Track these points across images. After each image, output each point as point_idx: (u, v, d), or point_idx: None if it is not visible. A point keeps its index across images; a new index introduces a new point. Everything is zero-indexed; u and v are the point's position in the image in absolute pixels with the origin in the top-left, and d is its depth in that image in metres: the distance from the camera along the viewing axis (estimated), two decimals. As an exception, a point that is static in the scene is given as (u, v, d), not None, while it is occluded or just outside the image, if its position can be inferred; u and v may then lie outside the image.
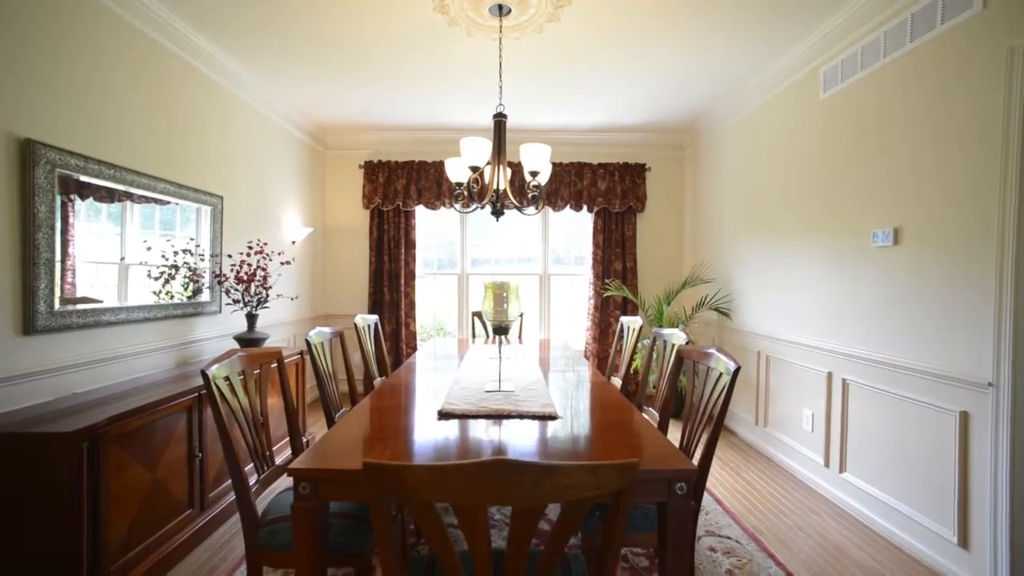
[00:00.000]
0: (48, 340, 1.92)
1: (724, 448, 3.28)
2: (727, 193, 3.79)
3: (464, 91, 3.48)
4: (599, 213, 4.46)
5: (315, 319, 4.45)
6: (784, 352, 2.97)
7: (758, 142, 3.33)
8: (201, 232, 2.84)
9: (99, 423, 1.61)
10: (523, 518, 0.78)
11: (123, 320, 2.26)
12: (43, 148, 1.86)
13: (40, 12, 1.87)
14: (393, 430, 1.51)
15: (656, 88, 3.40)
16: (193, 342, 2.75)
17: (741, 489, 2.67)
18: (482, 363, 2.48)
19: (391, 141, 4.49)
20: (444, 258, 4.84)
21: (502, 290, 1.81)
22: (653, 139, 4.49)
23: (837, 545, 2.12)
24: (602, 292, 4.40)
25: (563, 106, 3.78)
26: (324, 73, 3.18)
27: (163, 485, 1.92)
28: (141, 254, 2.40)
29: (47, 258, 1.88)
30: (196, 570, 1.93)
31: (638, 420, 1.62)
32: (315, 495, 1.14)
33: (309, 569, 1.16)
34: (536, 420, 1.59)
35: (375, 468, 0.71)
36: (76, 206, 2.05)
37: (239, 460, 1.42)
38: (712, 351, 1.68)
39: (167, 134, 2.56)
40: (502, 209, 2.28)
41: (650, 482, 1.19)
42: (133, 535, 1.77)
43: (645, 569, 1.91)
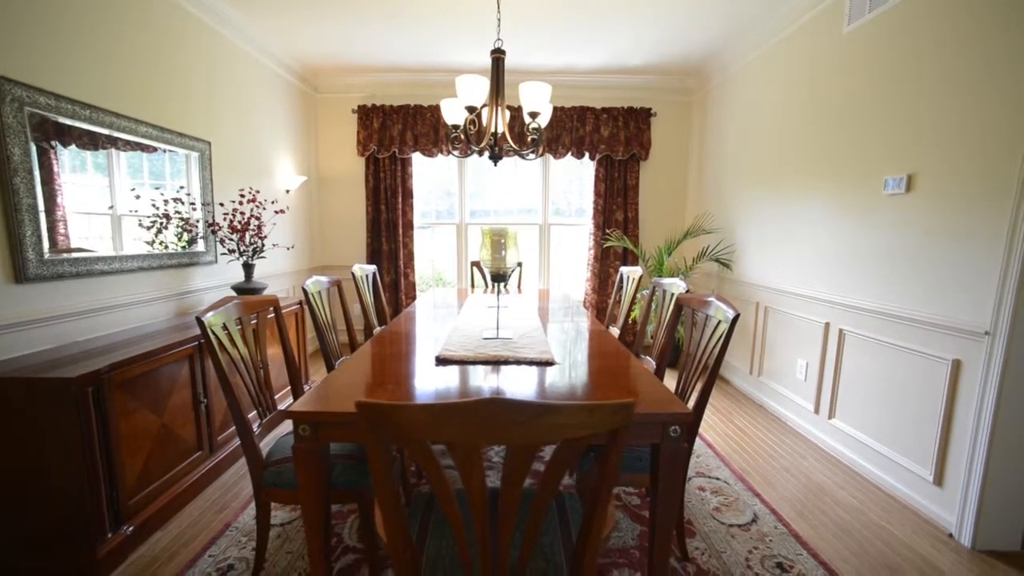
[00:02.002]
0: (42, 288, 1.90)
1: (718, 396, 3.37)
2: (734, 140, 3.64)
3: (461, 29, 3.25)
4: (601, 161, 4.32)
5: (313, 269, 4.42)
6: (783, 303, 2.97)
7: (768, 84, 3.16)
8: (191, 181, 2.76)
9: (101, 369, 1.62)
10: (517, 457, 0.79)
11: (117, 270, 2.23)
12: (8, 84, 1.74)
13: (-10, -71, 1.69)
14: (392, 375, 1.52)
15: (665, 23, 3.16)
16: (191, 292, 2.74)
17: (732, 434, 2.76)
18: (481, 311, 2.48)
19: (385, 83, 4.26)
20: (443, 208, 4.74)
21: (500, 236, 1.77)
22: (660, 82, 4.26)
23: (820, 485, 2.21)
24: (603, 243, 4.35)
25: (565, 46, 3.55)
26: (314, 10, 2.95)
27: (171, 429, 1.98)
28: (131, 203, 2.33)
29: (28, 204, 1.82)
30: (209, 506, 2.02)
31: (635, 367, 1.63)
32: (315, 437, 1.16)
33: (312, 505, 1.20)
34: (534, 366, 1.60)
35: (369, 408, 0.71)
36: (59, 153, 1.96)
37: (241, 406, 1.44)
38: (712, 299, 1.66)
39: (148, 75, 2.41)
40: (501, 154, 2.18)
41: (645, 425, 1.21)
42: (147, 474, 1.84)
43: (637, 507, 2.00)
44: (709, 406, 3.14)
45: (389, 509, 0.83)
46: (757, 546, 1.77)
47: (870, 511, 2.01)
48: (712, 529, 1.86)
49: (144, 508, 1.82)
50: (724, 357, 1.53)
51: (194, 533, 1.85)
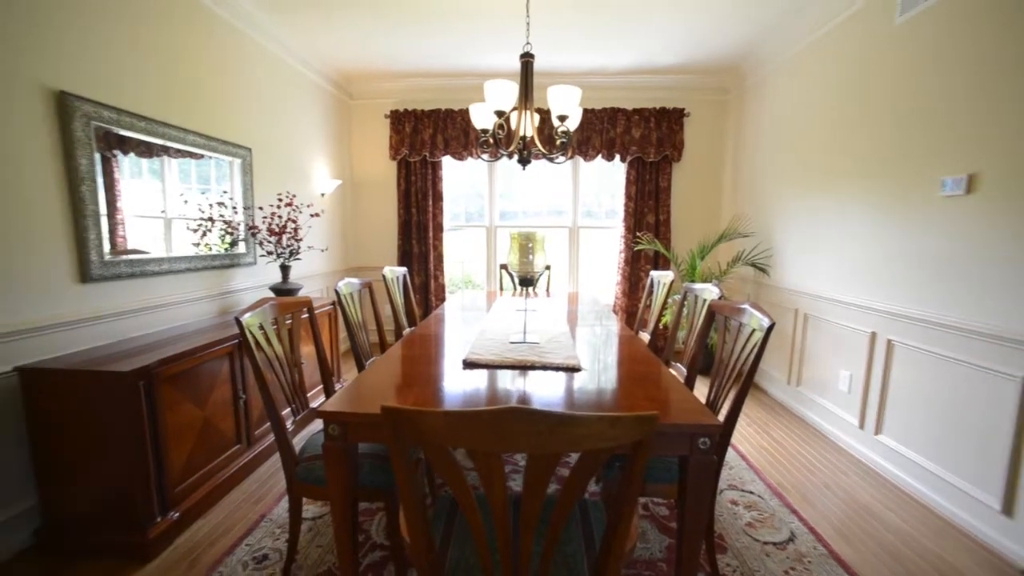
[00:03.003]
0: (102, 288, 2.05)
1: (753, 405, 3.24)
2: (772, 139, 3.50)
3: (491, 33, 3.27)
4: (632, 163, 4.25)
5: (346, 271, 4.56)
6: (824, 311, 2.83)
7: (811, 80, 3.02)
8: (234, 185, 2.90)
9: (152, 364, 1.73)
10: (538, 465, 0.79)
11: (168, 270, 2.37)
12: (77, 100, 1.89)
13: (59, -44, 1.84)
14: (419, 377, 1.54)
15: (698, 21, 3.08)
16: (232, 292, 2.88)
17: (767, 446, 2.64)
18: (508, 315, 2.49)
19: (417, 89, 4.34)
20: (472, 211, 4.78)
21: (528, 241, 1.77)
22: (693, 81, 4.15)
23: (865, 505, 2.09)
24: (633, 246, 4.27)
25: (595, 46, 3.51)
26: (348, 18, 3.04)
27: (213, 422, 2.08)
28: (180, 207, 2.48)
29: (93, 210, 1.97)
30: (246, 498, 2.11)
31: (664, 375, 1.59)
32: (344, 436, 1.19)
33: (340, 503, 1.23)
34: (560, 372, 1.59)
35: (392, 412, 0.72)
36: (119, 161, 2.10)
37: (276, 403, 1.50)
38: (745, 306, 1.60)
39: (194, 85, 2.55)
40: (529, 157, 2.18)
41: (673, 435, 1.18)
42: (191, 464, 1.94)
43: (665, 518, 1.95)
44: (743, 416, 3.03)
45: (412, 513, 0.84)
46: (794, 567, 1.69)
47: (922, 536, 1.88)
48: (745, 545, 1.79)
49: (188, 496, 1.92)
50: (759, 366, 1.47)
51: (232, 522, 1.93)
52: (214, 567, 1.67)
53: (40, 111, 1.79)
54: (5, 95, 1.68)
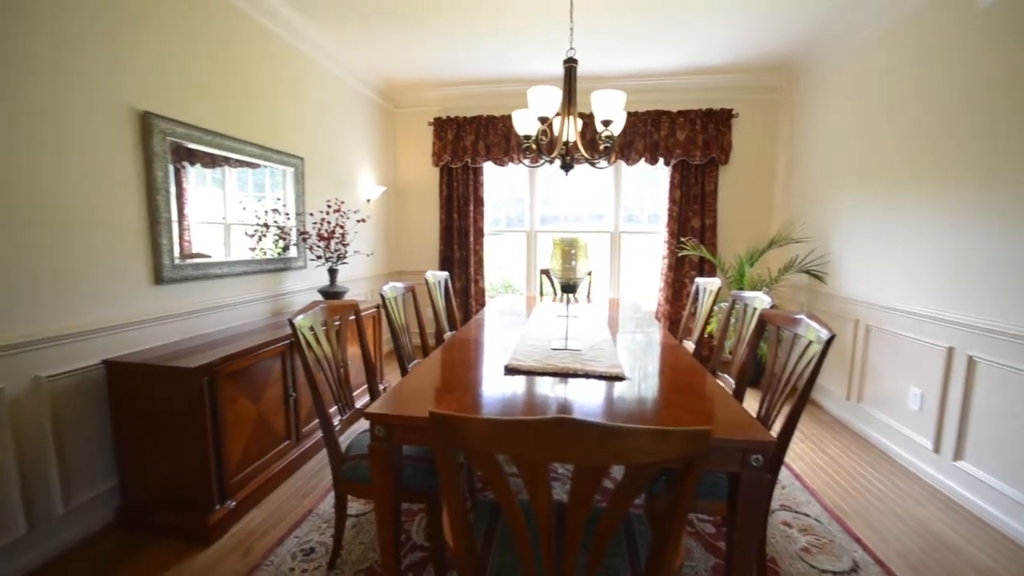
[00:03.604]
0: (172, 289, 2.21)
1: (808, 421, 3.05)
2: (831, 138, 3.30)
3: (533, 39, 3.29)
4: (677, 166, 4.13)
5: (389, 275, 4.69)
6: (890, 322, 2.63)
7: (878, 75, 2.82)
8: (287, 193, 3.05)
9: (214, 362, 1.85)
10: (585, 476, 0.77)
11: (227, 273, 2.52)
12: (157, 119, 2.06)
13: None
14: (461, 382, 1.56)
15: (748, 19, 2.96)
16: (284, 294, 3.02)
17: (824, 466, 2.48)
18: (549, 321, 2.47)
19: (459, 96, 4.42)
20: (512, 215, 4.81)
21: (571, 247, 1.75)
22: (742, 81, 3.99)
23: (942, 537, 1.90)
24: (677, 251, 4.15)
25: (639, 48, 3.45)
26: (395, 30, 3.15)
27: (266, 418, 2.19)
28: (238, 214, 2.64)
29: (166, 218, 2.13)
30: (294, 492, 2.20)
31: (711, 385, 1.53)
32: (389, 438, 1.22)
33: (385, 502, 1.26)
34: (602, 380, 1.56)
35: (440, 418, 0.73)
36: (187, 172, 2.27)
37: (324, 402, 1.56)
38: (801, 317, 1.52)
39: (252, 99, 2.72)
40: (572, 162, 2.17)
41: (722, 451, 1.13)
42: (246, 457, 2.05)
43: (711, 536, 1.87)
44: (797, 432, 2.86)
45: (457, 517, 0.85)
46: (855, 597, 1.57)
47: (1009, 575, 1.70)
48: (800, 572, 1.68)
49: (243, 487, 2.03)
50: (816, 381, 1.38)
51: (282, 515, 2.02)
52: (266, 556, 1.75)
53: (128, 129, 1.97)
54: (103, 117, 1.87)
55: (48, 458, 1.72)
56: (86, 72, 1.80)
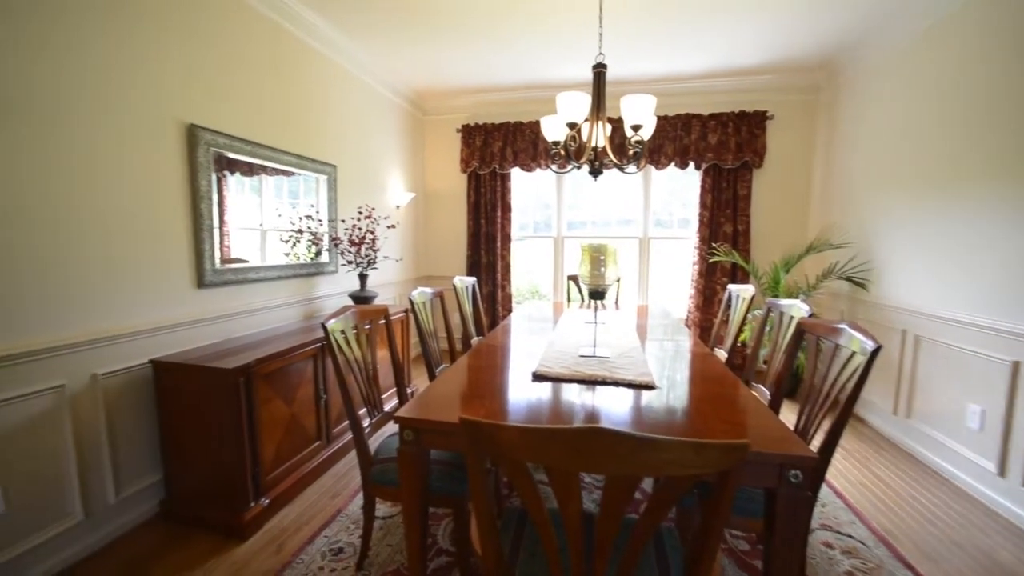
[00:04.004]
0: (213, 292, 2.31)
1: (850, 436, 2.90)
2: (875, 139, 3.15)
3: (561, 45, 3.29)
4: (708, 170, 4.04)
5: (417, 280, 4.76)
6: (943, 333, 2.47)
7: (931, 71, 2.66)
8: (320, 200, 3.15)
9: (250, 363, 1.91)
10: (617, 488, 0.76)
11: (263, 278, 2.62)
12: (201, 131, 2.17)
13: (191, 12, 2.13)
14: (489, 388, 1.56)
15: (785, 18, 2.88)
16: (316, 298, 3.11)
17: (869, 484, 2.35)
18: (577, 327, 2.45)
19: (487, 103, 4.47)
20: (540, 221, 4.81)
21: (599, 253, 1.74)
22: (777, 81, 3.87)
23: (1010, 570, 1.74)
24: (708, 257, 4.05)
25: (669, 52, 3.40)
26: (424, 40, 3.22)
27: (298, 419, 2.25)
28: (274, 220, 2.74)
29: (208, 224, 2.23)
30: (324, 492, 2.25)
31: (745, 396, 1.48)
32: (418, 442, 1.23)
33: (413, 506, 1.27)
34: (631, 389, 1.53)
35: (471, 425, 0.73)
36: (227, 180, 2.38)
37: (354, 404, 1.59)
38: (843, 326, 1.45)
39: (288, 110, 2.82)
40: (601, 168, 2.15)
41: (759, 465, 1.09)
42: (279, 456, 2.11)
43: (746, 553, 1.80)
44: (839, 447, 2.71)
45: (486, 524, 0.85)
46: (904, 626, 1.47)
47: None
48: (841, 594, 1.60)
49: (276, 485, 2.09)
50: (860, 394, 1.32)
51: (312, 514, 2.07)
52: (297, 553, 1.79)
53: (176, 141, 2.08)
54: (155, 130, 1.99)
55: (102, 451, 1.83)
56: (141, 87, 1.92)
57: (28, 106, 1.57)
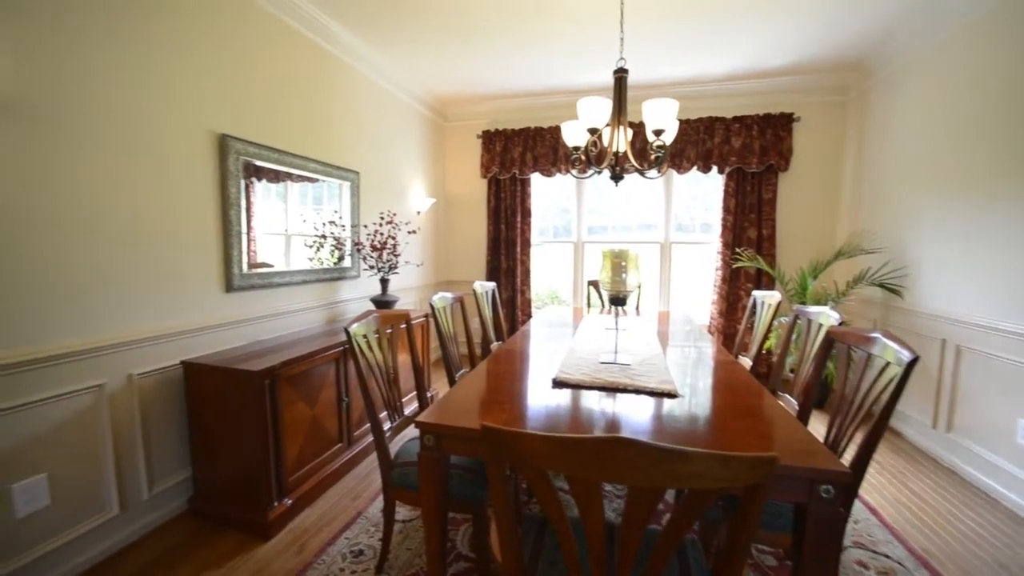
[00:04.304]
0: (240, 296, 2.37)
1: (885, 450, 2.78)
2: (912, 139, 3.02)
3: (581, 51, 3.29)
4: (732, 174, 3.96)
5: (437, 285, 4.80)
6: (986, 342, 2.35)
7: (973, 66, 2.53)
8: (343, 205, 3.21)
9: (275, 366, 1.96)
10: (640, 499, 0.75)
11: (288, 282, 2.68)
12: (232, 140, 2.24)
13: (223, 27, 2.21)
14: (508, 394, 1.56)
15: (814, 16, 2.81)
16: (338, 302, 3.17)
17: (906, 501, 2.24)
18: (597, 333, 2.43)
19: (507, 109, 4.50)
20: (559, 226, 4.79)
21: (621, 258, 1.72)
22: (804, 83, 3.78)
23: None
24: (732, 263, 3.96)
25: (691, 54, 3.36)
26: (444, 47, 3.26)
27: (320, 421, 2.29)
28: (299, 226, 2.80)
29: (237, 231, 2.30)
30: (345, 493, 2.28)
31: (771, 406, 1.44)
32: (438, 447, 1.24)
33: (433, 510, 1.27)
34: (653, 397, 1.51)
35: (492, 432, 0.73)
36: (255, 187, 2.45)
37: (376, 408, 1.61)
38: (877, 335, 1.39)
39: (314, 118, 2.89)
40: (622, 173, 2.14)
41: (788, 479, 1.05)
42: (301, 457, 2.15)
43: (773, 569, 1.74)
44: (873, 462, 2.60)
45: (506, 531, 0.84)
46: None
47: None
48: (875, 615, 1.53)
49: (299, 486, 2.12)
50: (895, 407, 1.26)
51: (334, 515, 2.10)
52: (319, 554, 1.82)
53: (208, 151, 2.16)
54: (190, 140, 2.07)
55: (136, 448, 1.90)
56: (179, 100, 2.00)
57: (78, 119, 1.66)
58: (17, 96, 1.51)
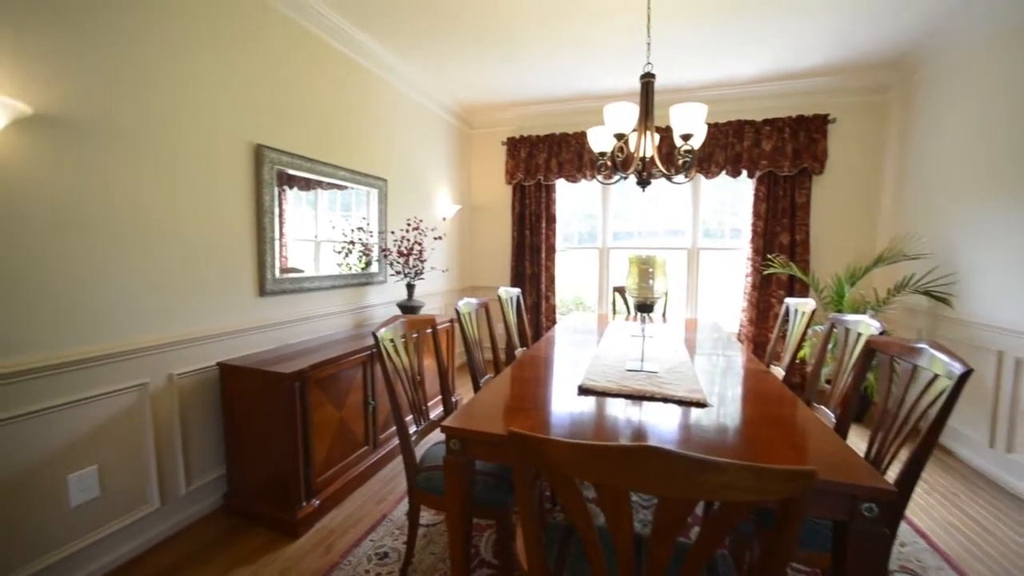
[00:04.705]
0: (272, 301, 2.45)
1: (935, 469, 2.61)
2: (962, 138, 2.85)
3: (606, 56, 3.28)
4: (762, 178, 3.86)
5: (462, 290, 4.83)
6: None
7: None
8: (371, 212, 3.28)
9: (305, 368, 2.01)
10: (669, 510, 0.73)
11: (317, 287, 2.75)
12: (267, 150, 2.33)
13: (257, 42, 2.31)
14: (533, 400, 1.55)
15: (851, 13, 2.72)
16: (365, 307, 3.23)
17: (960, 525, 2.09)
18: (623, 340, 2.39)
19: (532, 115, 4.52)
20: (584, 231, 4.77)
21: (648, 265, 1.69)
22: (840, 83, 3.65)
23: None
24: (763, 269, 3.85)
25: (720, 57, 3.30)
26: (471, 56, 3.31)
27: (347, 423, 2.33)
28: (328, 232, 2.88)
29: (270, 237, 2.39)
30: (371, 496, 2.31)
31: (806, 418, 1.38)
32: (464, 452, 1.24)
33: (457, 515, 1.27)
34: (681, 405, 1.47)
35: (520, 438, 0.73)
36: (286, 194, 2.54)
37: (402, 411, 1.62)
38: (924, 346, 1.32)
39: (344, 128, 2.98)
40: (649, 178, 2.11)
41: (827, 495, 1.01)
42: (329, 459, 2.19)
43: (809, 588, 1.66)
44: (921, 481, 2.42)
45: (532, 538, 0.83)
46: None
47: None
48: (923, 644, 1.44)
49: (326, 487, 2.16)
50: (945, 422, 1.19)
51: (359, 517, 2.13)
52: (345, 555, 1.84)
53: (245, 160, 2.26)
54: (228, 152, 2.17)
55: (176, 445, 1.98)
56: (223, 113, 2.11)
57: (130, 135, 1.77)
58: (81, 116, 1.62)
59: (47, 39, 1.53)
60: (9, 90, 1.44)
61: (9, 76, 1.44)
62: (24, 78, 1.48)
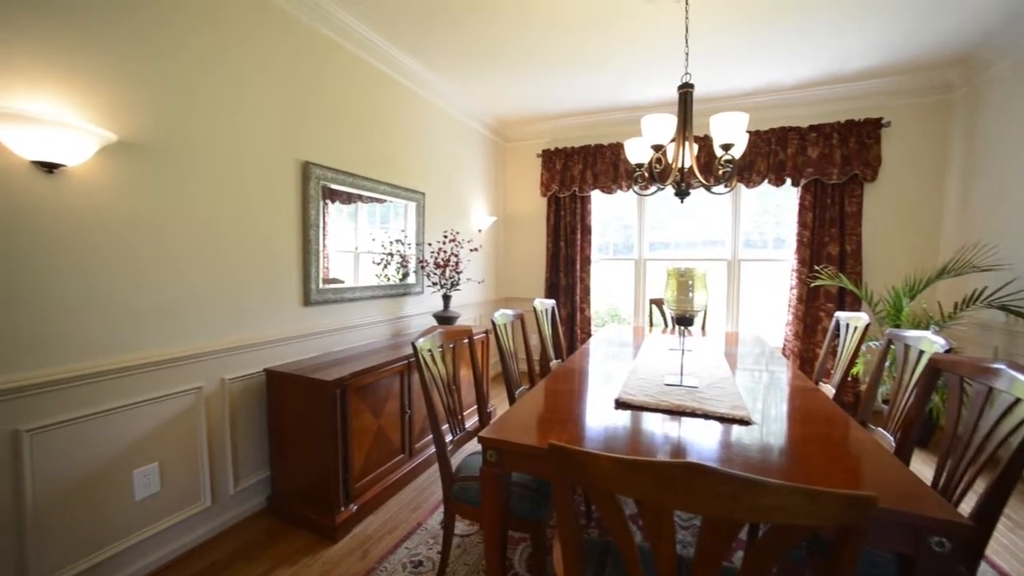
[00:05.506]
0: (315, 310, 2.56)
1: (1017, 505, 2.33)
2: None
3: (642, 66, 3.26)
4: (808, 186, 3.70)
5: (497, 301, 4.86)
6: None
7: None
8: (408, 225, 3.37)
9: (345, 376, 2.07)
10: (714, 531, 0.70)
11: (357, 297, 2.84)
12: (313, 166, 2.45)
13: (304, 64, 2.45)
14: (569, 413, 1.53)
15: (907, 7, 2.57)
16: (402, 317, 3.31)
17: (1045, 565, 1.88)
18: (661, 354, 2.34)
19: (567, 127, 4.54)
20: (620, 243, 4.71)
21: (687, 277, 1.65)
22: (895, 84, 3.47)
23: None
24: (809, 281, 3.66)
25: (761, 64, 3.21)
26: (506, 72, 3.37)
27: (384, 431, 2.38)
28: (367, 244, 2.98)
29: (315, 249, 2.50)
30: (406, 504, 2.34)
31: (861, 440, 1.30)
32: (500, 463, 1.24)
33: (493, 527, 1.27)
34: (722, 423, 1.42)
35: (559, 451, 0.72)
36: (329, 208, 2.65)
37: (438, 420, 1.65)
38: (1002, 367, 1.22)
39: (384, 143, 3.09)
40: (687, 189, 2.07)
41: (887, 525, 0.94)
42: (366, 465, 2.24)
43: (868, 625, 1.54)
44: (1003, 517, 2.18)
45: (571, 553, 0.82)
46: None
47: None
48: None
49: (363, 493, 2.21)
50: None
51: (395, 524, 2.15)
52: (380, 561, 1.87)
53: (294, 177, 2.39)
54: (277, 169, 2.30)
55: (226, 446, 2.09)
56: (268, 133, 2.24)
57: (195, 155, 1.91)
58: (155, 140, 1.78)
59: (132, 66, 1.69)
60: (98, 119, 1.60)
61: (95, 103, 1.60)
62: (108, 104, 1.63)
